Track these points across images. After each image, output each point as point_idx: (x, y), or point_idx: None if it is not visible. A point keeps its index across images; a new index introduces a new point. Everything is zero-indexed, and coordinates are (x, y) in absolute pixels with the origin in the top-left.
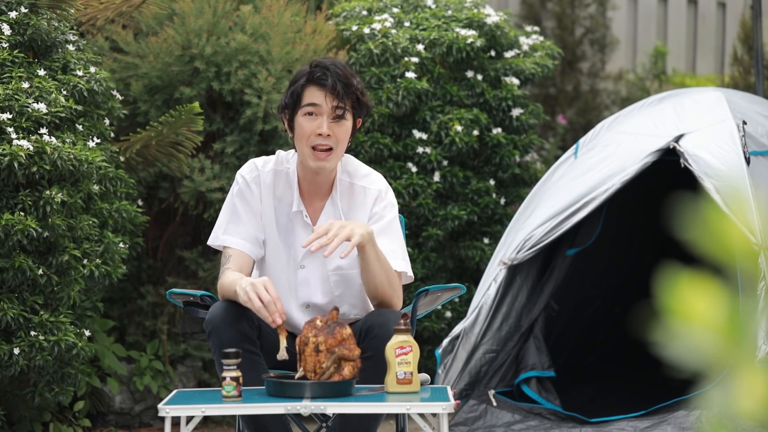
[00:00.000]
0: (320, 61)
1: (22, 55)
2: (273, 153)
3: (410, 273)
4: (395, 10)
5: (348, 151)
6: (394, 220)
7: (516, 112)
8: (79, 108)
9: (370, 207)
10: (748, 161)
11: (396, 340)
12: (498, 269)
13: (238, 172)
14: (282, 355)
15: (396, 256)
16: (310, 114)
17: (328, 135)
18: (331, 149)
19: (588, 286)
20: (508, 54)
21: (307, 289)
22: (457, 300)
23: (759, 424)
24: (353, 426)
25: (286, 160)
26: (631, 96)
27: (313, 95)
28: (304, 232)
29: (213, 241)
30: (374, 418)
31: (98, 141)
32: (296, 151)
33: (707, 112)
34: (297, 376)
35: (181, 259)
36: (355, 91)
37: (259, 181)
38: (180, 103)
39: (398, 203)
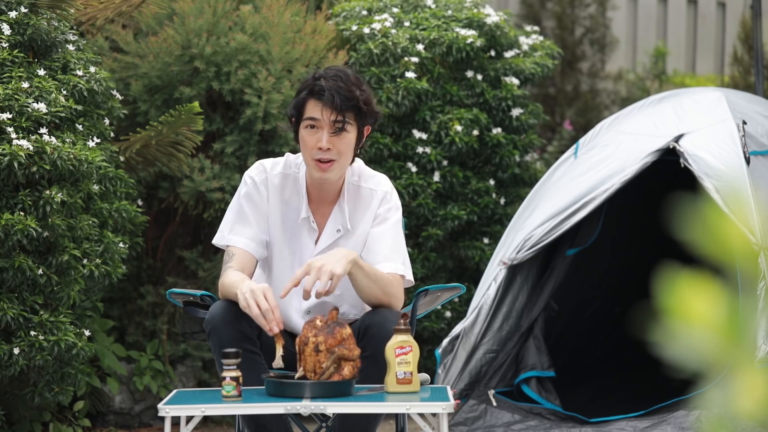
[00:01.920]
0: (323, 73)
1: (22, 54)
2: (273, 153)
3: (410, 277)
4: (395, 10)
5: None
6: (398, 224)
7: (516, 112)
8: (79, 108)
9: (375, 208)
10: (748, 161)
11: (396, 339)
12: (498, 269)
13: (246, 172)
14: (278, 363)
15: (397, 260)
16: (312, 127)
17: (329, 148)
18: (332, 161)
19: (588, 286)
20: (508, 54)
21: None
22: (457, 300)
23: (759, 424)
24: (353, 426)
25: (295, 164)
26: (631, 96)
27: (313, 109)
28: (310, 238)
29: (219, 240)
30: (374, 418)
31: (98, 141)
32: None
33: (707, 112)
34: (297, 376)
35: (181, 259)
36: (357, 102)
37: (267, 183)
38: (180, 102)
39: None
